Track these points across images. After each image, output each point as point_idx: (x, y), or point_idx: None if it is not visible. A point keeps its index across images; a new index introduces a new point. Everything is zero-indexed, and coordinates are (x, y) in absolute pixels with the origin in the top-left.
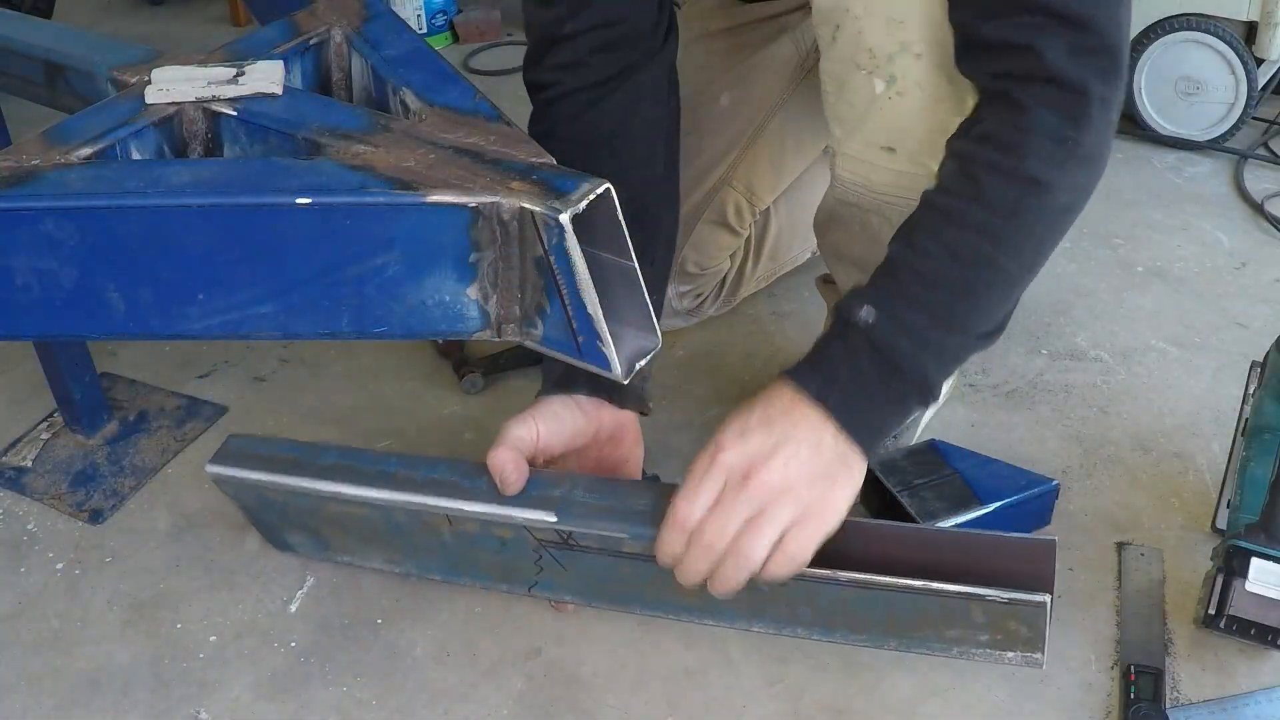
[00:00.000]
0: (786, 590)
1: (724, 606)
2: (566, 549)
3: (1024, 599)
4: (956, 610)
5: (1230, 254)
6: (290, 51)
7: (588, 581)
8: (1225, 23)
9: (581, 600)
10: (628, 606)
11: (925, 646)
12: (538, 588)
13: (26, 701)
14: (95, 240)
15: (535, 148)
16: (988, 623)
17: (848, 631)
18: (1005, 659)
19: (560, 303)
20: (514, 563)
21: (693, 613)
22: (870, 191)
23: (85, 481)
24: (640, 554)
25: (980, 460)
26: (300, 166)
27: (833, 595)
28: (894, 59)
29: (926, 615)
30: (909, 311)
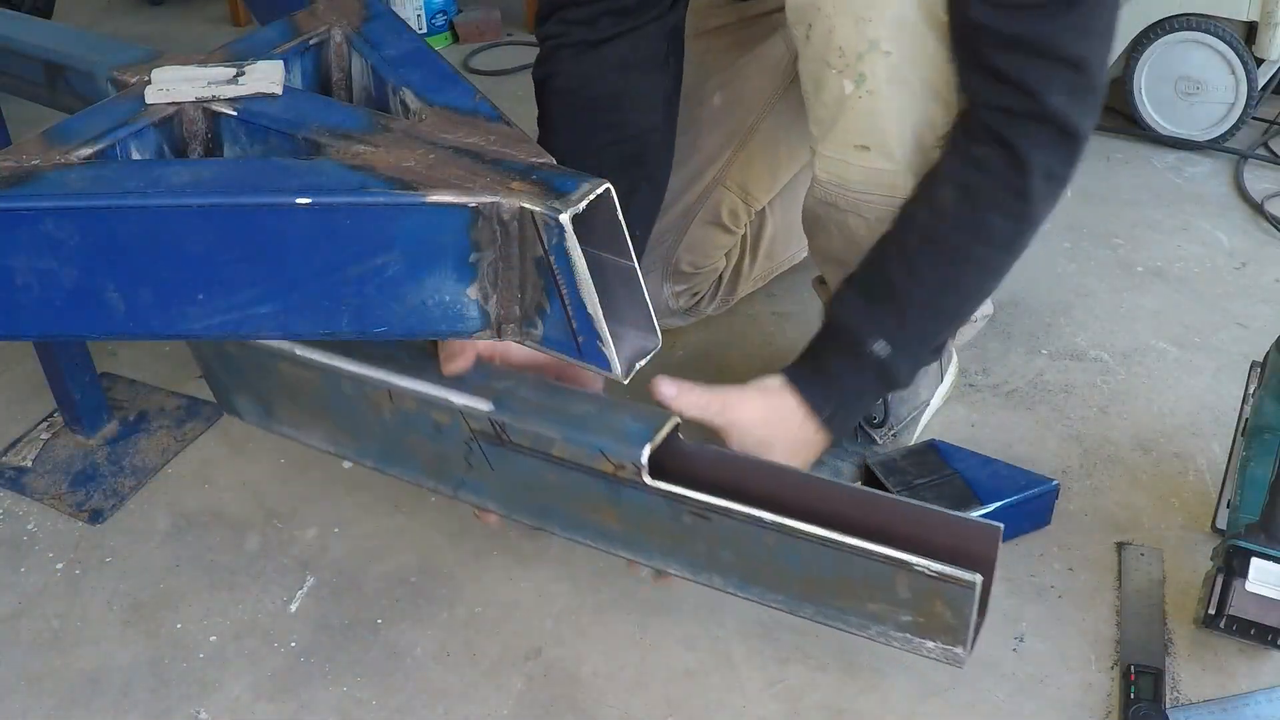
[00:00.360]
0: (710, 526)
1: (643, 539)
2: (498, 445)
3: (953, 575)
4: (880, 579)
5: (1230, 254)
6: (290, 51)
7: (513, 488)
8: (1225, 23)
9: (504, 510)
10: (548, 524)
11: (842, 619)
12: (465, 489)
13: (26, 701)
14: (95, 240)
15: (535, 148)
16: (911, 599)
17: (765, 589)
18: (924, 649)
19: (560, 303)
20: (446, 455)
21: (611, 542)
22: (847, 191)
23: (85, 481)
24: (569, 461)
25: (980, 460)
26: (300, 166)
27: (755, 540)
28: (863, 57)
29: (848, 580)
30: (919, 346)
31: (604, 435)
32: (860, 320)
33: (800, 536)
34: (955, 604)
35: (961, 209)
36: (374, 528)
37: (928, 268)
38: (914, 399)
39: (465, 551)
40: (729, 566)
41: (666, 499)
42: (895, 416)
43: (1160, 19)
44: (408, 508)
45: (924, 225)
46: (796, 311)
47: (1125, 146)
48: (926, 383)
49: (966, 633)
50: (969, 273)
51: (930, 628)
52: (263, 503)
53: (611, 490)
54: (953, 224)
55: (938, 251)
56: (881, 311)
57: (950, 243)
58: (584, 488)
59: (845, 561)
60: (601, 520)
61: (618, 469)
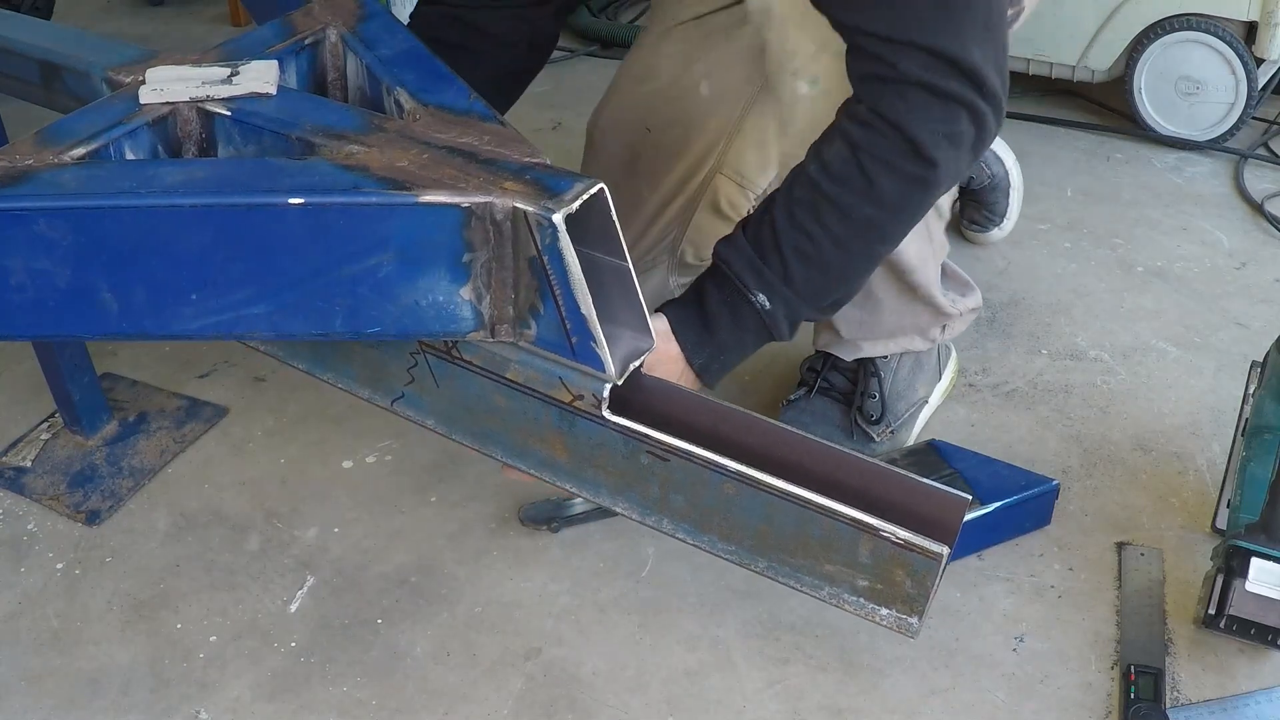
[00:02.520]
0: (667, 468)
1: (591, 474)
2: (446, 360)
3: (921, 545)
4: (842, 541)
5: (1230, 254)
6: (285, 51)
7: (456, 407)
8: (1225, 23)
9: (442, 429)
10: (488, 447)
11: (795, 578)
12: (402, 402)
13: (26, 701)
14: (89, 241)
15: (529, 147)
16: (872, 565)
17: (717, 538)
18: (877, 616)
19: (554, 303)
20: (386, 364)
21: (555, 473)
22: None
23: (84, 482)
24: (523, 386)
25: (980, 460)
26: (294, 166)
27: (714, 487)
28: (816, 58)
29: (807, 538)
30: (802, 304)
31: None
32: (743, 270)
33: (763, 489)
34: (917, 574)
35: (849, 168)
36: (374, 528)
37: (814, 224)
38: (911, 395)
39: (465, 551)
40: (681, 512)
41: (624, 436)
42: (892, 413)
43: (1160, 19)
44: (408, 508)
45: (812, 182)
46: None
47: (1125, 146)
48: (923, 379)
49: (925, 604)
50: (856, 232)
51: (887, 595)
52: (263, 503)
53: (564, 420)
54: (841, 182)
55: (825, 209)
56: (766, 265)
57: (838, 201)
58: (534, 415)
59: (808, 519)
60: (548, 450)
61: (575, 399)
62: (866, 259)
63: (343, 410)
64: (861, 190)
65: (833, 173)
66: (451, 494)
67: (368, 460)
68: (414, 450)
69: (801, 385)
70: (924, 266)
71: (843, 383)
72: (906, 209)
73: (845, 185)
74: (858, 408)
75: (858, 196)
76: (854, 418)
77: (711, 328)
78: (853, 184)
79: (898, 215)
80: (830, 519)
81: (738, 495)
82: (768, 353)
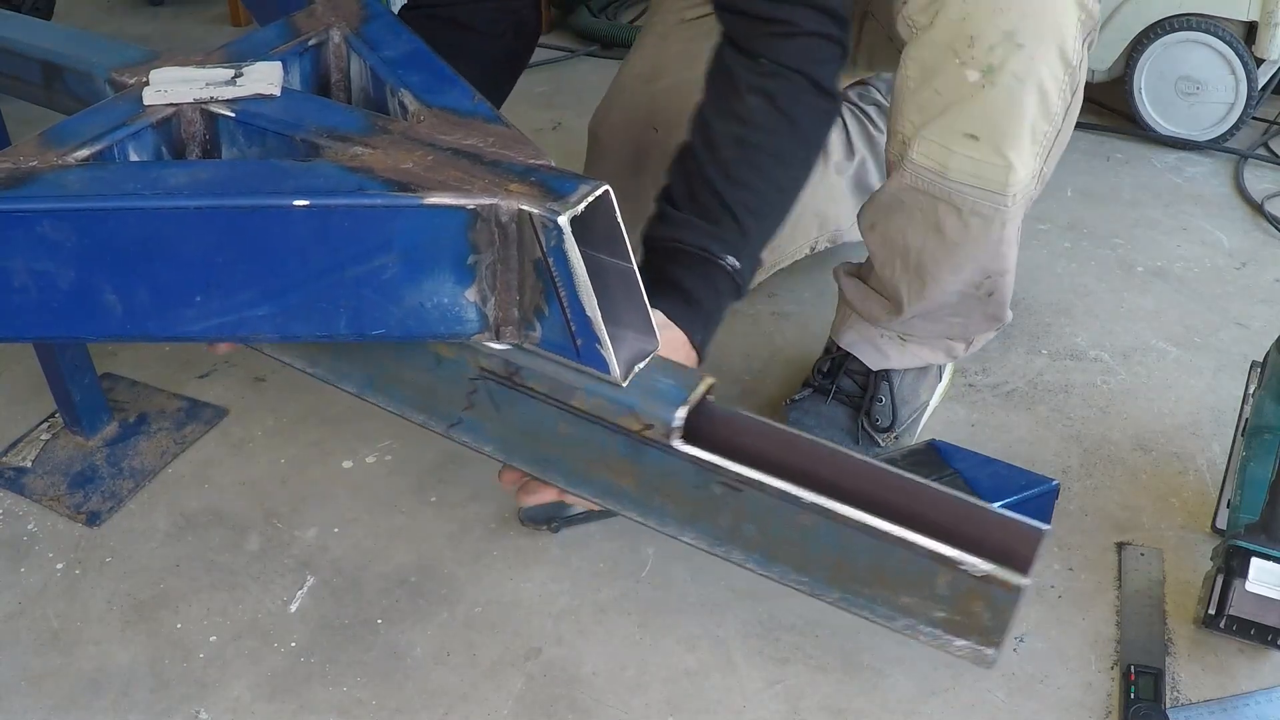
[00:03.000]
0: (739, 499)
1: (659, 503)
2: (508, 387)
3: (1001, 576)
4: (920, 572)
5: (1230, 254)
6: (289, 52)
7: (516, 434)
8: (1225, 23)
9: (500, 455)
10: (549, 474)
11: (869, 609)
12: (459, 428)
13: (26, 701)
14: (92, 242)
15: (534, 149)
16: (950, 597)
17: (789, 569)
18: (952, 646)
19: (559, 305)
20: (443, 390)
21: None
22: (944, 179)
23: (84, 483)
24: (590, 414)
25: (980, 460)
26: (298, 168)
27: (788, 518)
28: (994, 49)
29: (883, 570)
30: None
31: (635, 391)
32: (708, 241)
33: (841, 521)
34: (996, 606)
35: (772, 116)
36: (374, 528)
37: (753, 175)
38: (915, 401)
39: (465, 551)
40: (752, 542)
41: (696, 466)
42: (899, 421)
43: (1160, 19)
44: (408, 508)
45: (738, 138)
46: (796, 311)
47: (1125, 146)
48: (926, 384)
49: (1002, 635)
50: (790, 172)
51: (964, 627)
52: (263, 503)
53: (633, 450)
54: (768, 131)
55: (761, 158)
56: (721, 228)
57: (770, 148)
58: (601, 444)
59: (885, 552)
60: (613, 479)
61: (645, 428)
62: (795, 193)
63: (343, 410)
64: (789, 133)
65: (758, 123)
66: (451, 494)
67: (368, 460)
68: (414, 450)
69: (807, 386)
70: (1013, 269)
71: (852, 387)
72: (819, 140)
73: (773, 132)
74: (865, 412)
75: (786, 139)
76: (861, 423)
77: (697, 304)
78: (780, 129)
79: (815, 147)
80: (908, 551)
81: (814, 527)
82: (769, 352)
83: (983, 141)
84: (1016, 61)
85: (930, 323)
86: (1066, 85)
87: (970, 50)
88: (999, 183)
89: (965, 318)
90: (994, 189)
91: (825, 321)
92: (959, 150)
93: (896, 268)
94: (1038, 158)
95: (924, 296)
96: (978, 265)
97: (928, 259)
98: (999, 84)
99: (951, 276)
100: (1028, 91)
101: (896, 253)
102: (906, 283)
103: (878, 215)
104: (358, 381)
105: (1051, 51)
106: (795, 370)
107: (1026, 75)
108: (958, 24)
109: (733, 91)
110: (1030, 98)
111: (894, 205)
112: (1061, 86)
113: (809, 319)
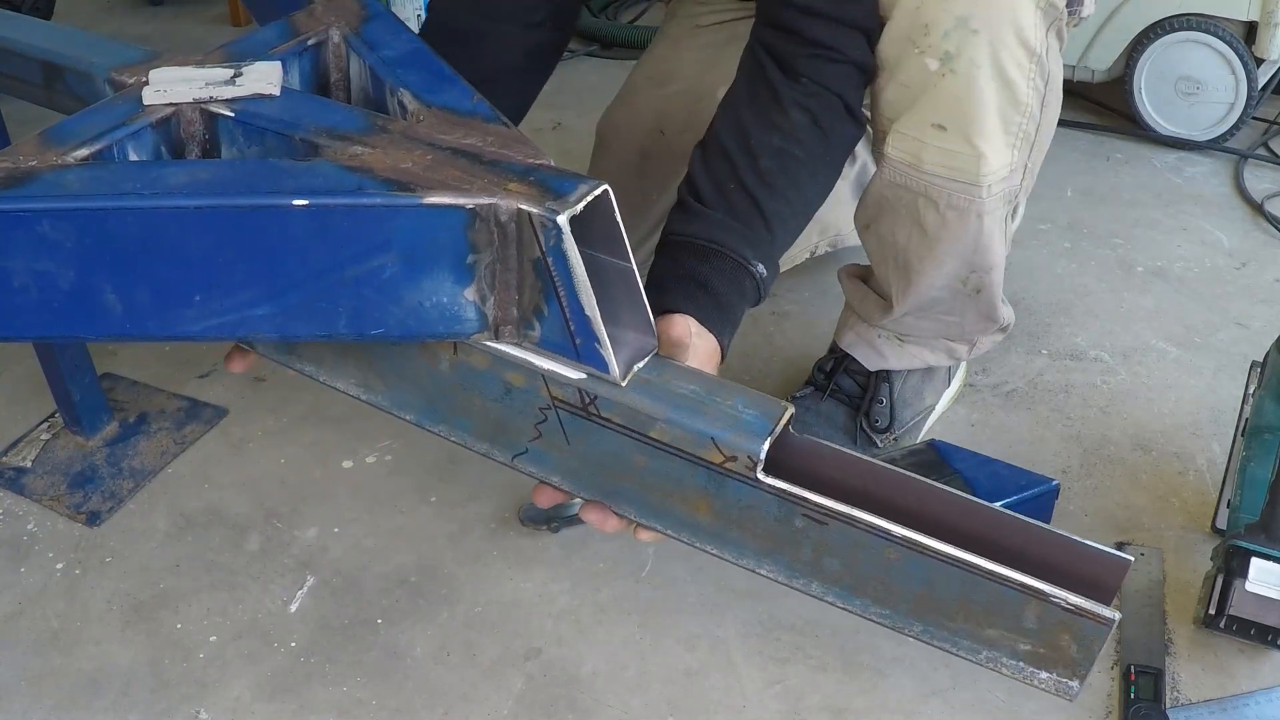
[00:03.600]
0: (822, 532)
1: (737, 536)
2: (582, 417)
3: (1093, 611)
4: (1008, 605)
5: (1230, 254)
6: (288, 52)
7: (587, 465)
8: (1225, 23)
9: (570, 486)
10: (620, 505)
11: (952, 642)
12: (524, 458)
13: (26, 701)
14: (92, 242)
15: (533, 148)
16: (1037, 630)
17: (870, 602)
18: (1036, 679)
19: (558, 305)
20: (510, 420)
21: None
22: (918, 172)
23: (84, 483)
24: (668, 445)
25: (980, 460)
26: (297, 168)
27: (874, 552)
28: (949, 35)
29: (970, 603)
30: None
31: (716, 422)
32: (740, 244)
33: (930, 554)
34: (1084, 639)
35: (813, 133)
36: (374, 528)
37: (790, 188)
38: (919, 403)
39: (465, 551)
40: (834, 576)
41: (779, 498)
42: (899, 421)
43: (1160, 19)
44: (408, 508)
45: (779, 150)
46: (796, 311)
47: (1125, 146)
48: (932, 388)
49: (1088, 668)
50: (820, 188)
51: (1049, 659)
52: (263, 503)
53: (713, 482)
54: (807, 146)
55: (799, 172)
56: (755, 234)
57: (809, 163)
58: (679, 476)
59: (973, 584)
60: (689, 511)
61: (727, 460)
62: (815, 210)
63: (343, 411)
64: (823, 150)
65: (799, 138)
66: (451, 494)
67: (368, 460)
68: (414, 450)
69: (808, 384)
70: (1000, 265)
71: (852, 387)
72: (843, 162)
73: (811, 148)
74: (864, 413)
75: (821, 156)
76: (860, 422)
77: (727, 308)
78: (817, 146)
79: (839, 169)
80: (997, 584)
81: (900, 560)
82: (769, 352)
83: (951, 131)
84: (973, 47)
85: (924, 321)
86: (1034, 73)
87: (927, 39)
88: (971, 173)
89: (959, 316)
90: (966, 179)
91: (825, 321)
92: (930, 142)
93: (889, 265)
94: (1012, 148)
95: (910, 293)
96: (959, 260)
97: (912, 255)
98: (958, 71)
99: (935, 271)
100: (986, 77)
101: (888, 250)
102: (895, 280)
103: (869, 215)
104: (417, 410)
105: (1008, 35)
106: (795, 370)
107: (984, 60)
108: (913, 13)
109: (775, 104)
110: (990, 84)
111: (880, 203)
112: (1028, 74)
113: (809, 319)
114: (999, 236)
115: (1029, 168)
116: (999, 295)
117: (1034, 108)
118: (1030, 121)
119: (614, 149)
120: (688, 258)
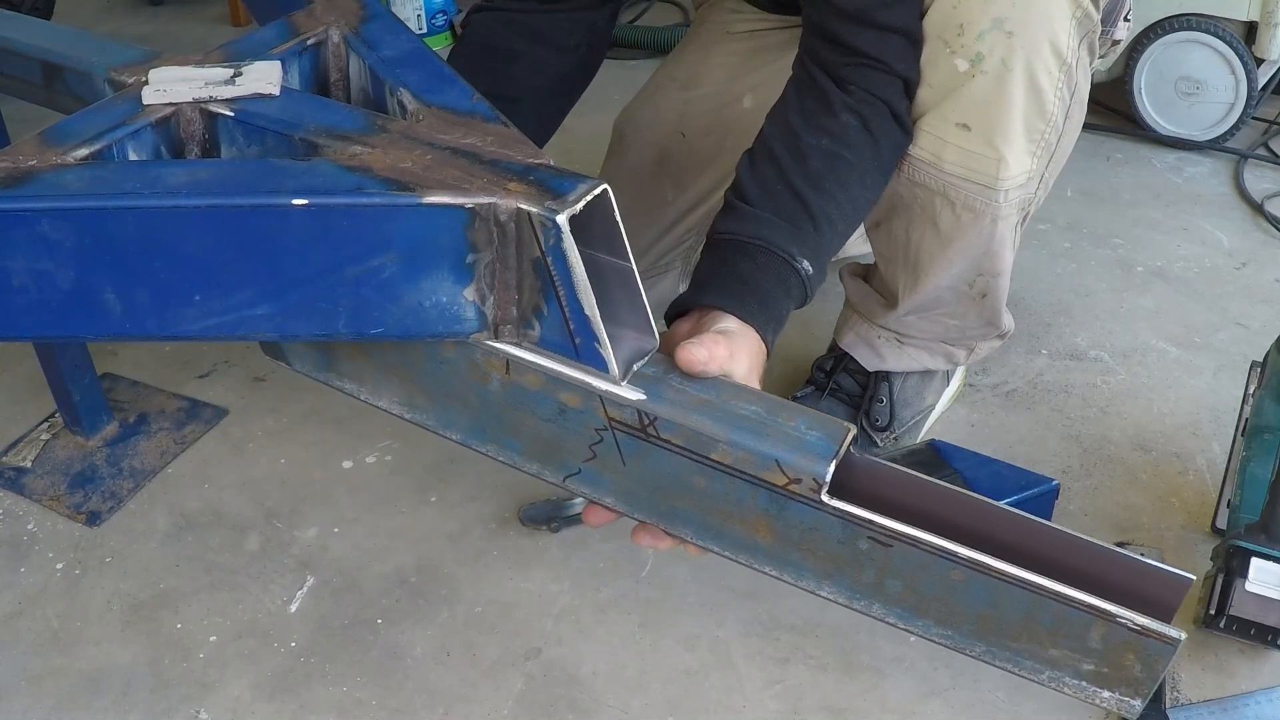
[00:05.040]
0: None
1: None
2: (640, 438)
3: (1159, 631)
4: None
5: (1230, 254)
6: (288, 52)
7: (643, 486)
8: (1225, 23)
9: (624, 508)
10: (678, 528)
11: (1014, 662)
12: (576, 479)
13: (26, 701)
14: (92, 241)
15: (533, 148)
16: (1102, 650)
17: (932, 623)
18: (1098, 698)
19: (557, 304)
20: (563, 440)
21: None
22: (939, 171)
23: (84, 483)
24: (730, 468)
25: (980, 460)
26: (297, 167)
27: (938, 574)
28: (984, 36)
29: (1034, 624)
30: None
31: (780, 443)
32: (787, 242)
33: (995, 576)
34: (1149, 659)
35: (864, 137)
36: (374, 528)
37: (839, 189)
38: (919, 403)
39: (465, 551)
40: (896, 598)
41: (843, 520)
42: (899, 421)
43: (1160, 19)
44: (408, 508)
45: (829, 152)
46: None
47: (1125, 146)
48: (932, 388)
49: (1152, 687)
50: (868, 193)
51: (1113, 679)
52: (263, 503)
53: (775, 504)
54: (857, 150)
55: (848, 174)
56: (802, 232)
57: (858, 166)
58: (740, 498)
59: (1038, 605)
60: (749, 533)
61: (790, 482)
62: (864, 217)
63: (343, 411)
64: (873, 156)
65: (850, 141)
66: (451, 494)
67: (368, 460)
68: (414, 450)
69: (809, 384)
70: (1007, 272)
71: (852, 386)
72: (891, 170)
73: (861, 153)
74: (864, 412)
75: (870, 162)
76: (860, 421)
77: (768, 303)
78: (866, 151)
79: (888, 177)
80: (1063, 605)
81: (964, 581)
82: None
83: (974, 132)
84: (1005, 49)
85: (925, 322)
86: (1063, 83)
87: (960, 39)
88: (990, 175)
89: (961, 320)
90: (985, 182)
91: (825, 321)
92: (952, 141)
93: (897, 264)
94: (1033, 156)
95: (917, 291)
96: (970, 261)
97: (924, 254)
98: (988, 72)
99: (944, 271)
100: (1016, 81)
101: (898, 248)
102: (903, 277)
103: (881, 213)
104: (464, 429)
105: (1042, 42)
106: (795, 369)
107: (1015, 64)
108: (949, 11)
109: (825, 109)
110: (1019, 88)
111: (895, 201)
112: (1056, 83)
113: (809, 318)
114: (1010, 243)
115: (1045, 179)
116: (1003, 301)
117: (1058, 118)
118: (1053, 131)
119: (632, 146)
120: (731, 254)
